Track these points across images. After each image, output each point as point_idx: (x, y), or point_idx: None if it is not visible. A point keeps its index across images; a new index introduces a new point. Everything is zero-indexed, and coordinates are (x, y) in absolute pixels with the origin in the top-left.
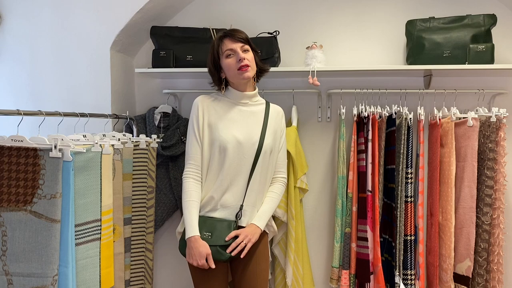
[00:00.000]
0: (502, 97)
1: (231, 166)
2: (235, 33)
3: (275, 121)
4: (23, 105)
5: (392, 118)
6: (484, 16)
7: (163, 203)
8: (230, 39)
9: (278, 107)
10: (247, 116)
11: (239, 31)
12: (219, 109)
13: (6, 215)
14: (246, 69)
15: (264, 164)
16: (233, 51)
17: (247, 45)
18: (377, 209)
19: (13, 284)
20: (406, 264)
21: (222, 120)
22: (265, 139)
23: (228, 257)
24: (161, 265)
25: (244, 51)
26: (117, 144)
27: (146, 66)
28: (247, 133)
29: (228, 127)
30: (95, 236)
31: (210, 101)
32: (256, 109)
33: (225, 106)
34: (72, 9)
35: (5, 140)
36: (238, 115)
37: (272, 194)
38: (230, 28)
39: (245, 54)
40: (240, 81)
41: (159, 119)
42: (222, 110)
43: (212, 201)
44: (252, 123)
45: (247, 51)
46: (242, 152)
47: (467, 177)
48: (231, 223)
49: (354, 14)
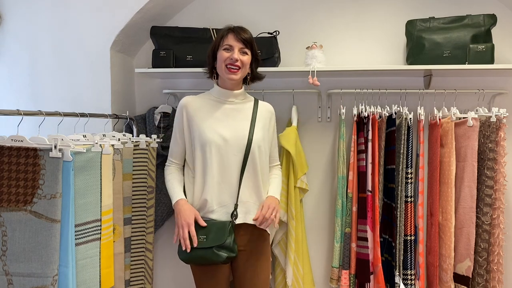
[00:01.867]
0: (502, 97)
1: (220, 164)
2: (240, 32)
3: (264, 116)
4: (23, 105)
5: (392, 118)
6: (484, 16)
7: (163, 203)
8: (233, 36)
9: (267, 103)
10: (235, 114)
11: (245, 31)
12: (204, 109)
13: (6, 215)
14: (234, 71)
15: (255, 160)
16: (231, 48)
17: (247, 48)
18: (377, 209)
19: (13, 284)
20: (406, 264)
21: (206, 120)
22: (254, 134)
23: (225, 257)
24: (161, 265)
25: (242, 52)
26: (117, 144)
27: (146, 66)
28: (234, 130)
29: (213, 126)
30: (95, 236)
31: (195, 102)
32: (243, 106)
33: (211, 105)
34: (72, 9)
35: (5, 140)
36: (224, 113)
37: (274, 176)
38: (238, 26)
39: (241, 56)
40: (225, 78)
41: (159, 119)
42: (206, 110)
43: (207, 204)
44: (240, 119)
45: (245, 54)
46: (229, 150)
47: (467, 177)
48: (226, 223)
49: (354, 14)
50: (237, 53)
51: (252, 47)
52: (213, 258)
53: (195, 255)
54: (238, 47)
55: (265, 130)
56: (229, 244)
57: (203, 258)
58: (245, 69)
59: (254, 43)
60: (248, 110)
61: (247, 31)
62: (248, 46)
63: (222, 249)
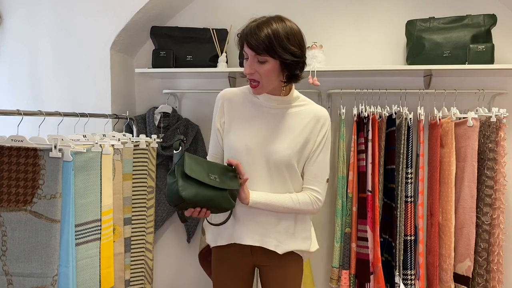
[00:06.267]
0: (502, 97)
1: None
2: (251, 38)
3: (310, 128)
4: (23, 105)
5: (392, 118)
6: (484, 16)
7: (163, 203)
8: (246, 43)
9: (322, 111)
10: (270, 121)
11: (257, 35)
12: (238, 108)
13: (6, 215)
14: (254, 86)
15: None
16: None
17: (264, 55)
18: (377, 209)
19: (13, 284)
20: (406, 264)
21: (237, 122)
22: (282, 150)
23: (233, 206)
24: (161, 265)
25: (259, 62)
26: (117, 144)
27: (146, 66)
28: (262, 140)
29: (242, 130)
30: (95, 236)
31: (234, 98)
32: (285, 113)
33: (247, 105)
34: (72, 9)
35: (5, 140)
36: (258, 119)
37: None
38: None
39: (258, 66)
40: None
41: (159, 119)
42: (241, 110)
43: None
44: (274, 129)
45: (263, 63)
46: (252, 162)
47: (467, 177)
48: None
49: (354, 14)
50: (253, 63)
51: (270, 50)
52: (223, 203)
53: (203, 194)
54: (252, 56)
55: (305, 145)
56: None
57: (211, 200)
58: (267, 81)
59: (277, 43)
60: (292, 118)
61: (259, 34)
62: (264, 52)
63: (233, 198)
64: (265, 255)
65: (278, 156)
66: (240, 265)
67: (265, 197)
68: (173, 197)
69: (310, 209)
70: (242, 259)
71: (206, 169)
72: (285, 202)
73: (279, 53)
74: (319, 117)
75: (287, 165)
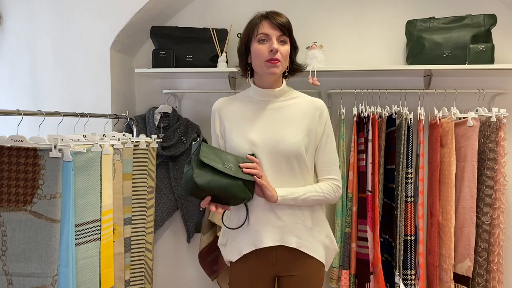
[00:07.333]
0: (502, 97)
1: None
2: (277, 17)
3: (309, 117)
4: (23, 105)
5: (392, 118)
6: (484, 16)
7: (163, 203)
8: (269, 23)
9: (316, 99)
10: (270, 114)
11: (282, 15)
12: (236, 113)
13: (6, 215)
14: (275, 63)
15: (289, 169)
16: (268, 38)
17: (286, 35)
18: (377, 209)
19: (13, 284)
20: (406, 264)
21: (237, 125)
22: (288, 139)
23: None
24: (161, 265)
25: (280, 41)
26: (117, 144)
27: (146, 66)
28: (266, 133)
29: (244, 130)
30: (95, 236)
31: (228, 105)
32: (283, 105)
33: (245, 107)
34: (72, 9)
35: (5, 140)
36: (258, 115)
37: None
38: (271, 11)
39: (280, 46)
40: (265, 74)
41: (159, 119)
42: (240, 113)
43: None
44: (278, 121)
45: (284, 43)
46: (258, 157)
47: (467, 177)
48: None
49: (354, 14)
50: (276, 42)
51: (290, 34)
52: (238, 192)
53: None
54: (276, 36)
55: (310, 134)
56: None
57: (226, 188)
58: (285, 62)
59: (291, 28)
60: (290, 109)
61: (283, 14)
62: (287, 33)
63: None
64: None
65: (286, 145)
66: (262, 277)
67: (291, 191)
68: (188, 184)
69: (333, 197)
70: (264, 270)
71: (222, 158)
72: (310, 194)
73: (293, 37)
74: (316, 107)
75: (296, 155)
